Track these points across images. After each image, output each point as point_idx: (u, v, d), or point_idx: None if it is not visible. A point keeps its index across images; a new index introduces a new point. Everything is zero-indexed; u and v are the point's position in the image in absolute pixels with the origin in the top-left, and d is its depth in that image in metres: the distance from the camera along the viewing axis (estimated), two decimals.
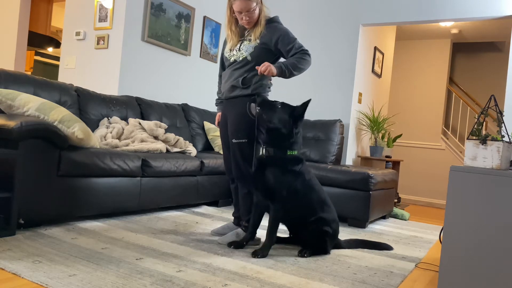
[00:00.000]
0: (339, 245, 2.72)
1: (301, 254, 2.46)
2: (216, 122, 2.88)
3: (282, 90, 5.19)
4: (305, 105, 2.46)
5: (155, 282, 1.78)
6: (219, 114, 2.83)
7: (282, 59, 2.65)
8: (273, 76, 2.48)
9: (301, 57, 2.49)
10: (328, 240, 2.53)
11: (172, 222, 3.03)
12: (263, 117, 2.42)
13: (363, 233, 3.34)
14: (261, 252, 2.35)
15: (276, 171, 2.39)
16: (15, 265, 1.82)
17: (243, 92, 2.57)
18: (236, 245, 2.49)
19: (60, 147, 2.50)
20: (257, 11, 2.53)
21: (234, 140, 2.58)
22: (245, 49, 2.57)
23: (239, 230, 2.64)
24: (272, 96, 5.27)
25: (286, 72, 2.47)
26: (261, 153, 2.49)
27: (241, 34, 2.66)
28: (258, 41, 2.55)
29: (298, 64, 2.48)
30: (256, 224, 2.53)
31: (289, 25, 5.13)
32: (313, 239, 2.51)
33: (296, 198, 2.45)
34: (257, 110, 2.44)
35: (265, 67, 2.41)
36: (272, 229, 2.41)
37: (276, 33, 2.54)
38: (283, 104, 2.46)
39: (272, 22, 2.60)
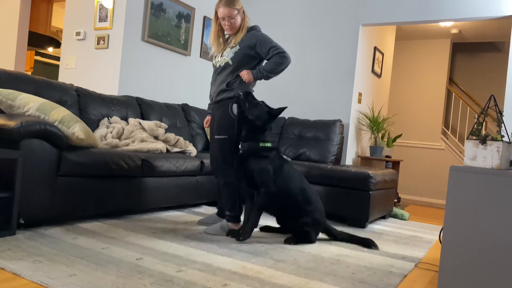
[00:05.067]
0: (331, 233, 2.90)
1: (287, 242, 2.70)
2: (205, 124, 3.18)
3: (282, 90, 5.19)
4: (280, 110, 2.73)
5: (155, 282, 1.78)
6: (208, 117, 3.13)
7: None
8: (251, 81, 2.78)
9: (277, 60, 2.74)
10: (310, 230, 2.75)
11: (172, 222, 3.03)
12: (245, 105, 2.68)
13: (363, 233, 3.34)
14: (243, 235, 2.60)
15: (252, 160, 2.64)
16: (15, 265, 1.82)
17: (227, 94, 2.82)
18: (234, 233, 2.73)
19: (60, 147, 2.50)
20: (238, 19, 2.82)
21: (216, 136, 2.83)
22: (227, 55, 2.84)
23: (224, 222, 2.84)
24: (272, 95, 5.28)
25: (261, 77, 2.78)
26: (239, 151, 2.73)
27: (225, 42, 2.94)
28: (238, 46, 2.81)
29: (274, 67, 2.75)
30: (249, 213, 2.74)
31: (288, 25, 5.17)
32: (297, 231, 2.75)
33: (276, 182, 2.67)
34: (241, 97, 2.69)
35: (245, 75, 2.76)
36: (256, 214, 2.64)
37: (254, 38, 2.80)
38: (262, 102, 2.73)
39: (252, 30, 2.86)
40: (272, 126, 2.77)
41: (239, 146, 2.71)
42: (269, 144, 2.69)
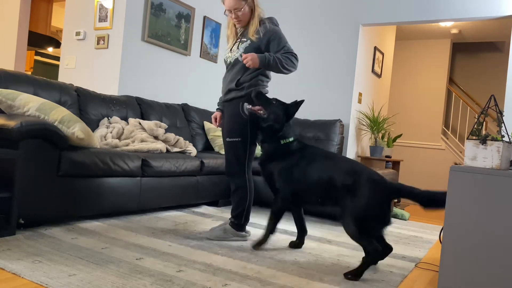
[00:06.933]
0: None
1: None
2: (213, 120, 2.85)
3: (282, 89, 5.19)
4: (298, 104, 2.54)
5: (155, 282, 1.78)
6: (217, 113, 2.84)
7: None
8: (255, 66, 2.46)
9: (289, 57, 2.50)
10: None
11: (172, 222, 3.03)
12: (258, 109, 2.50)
13: None
14: (259, 244, 2.49)
15: (274, 162, 2.48)
16: (15, 265, 1.82)
17: (238, 94, 2.61)
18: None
19: (60, 147, 2.50)
20: (247, 10, 2.57)
21: (227, 139, 2.65)
22: (237, 50, 2.62)
23: (227, 226, 2.68)
24: (270, 94, 5.26)
25: (270, 64, 2.46)
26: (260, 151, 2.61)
27: (237, 36, 2.70)
28: (248, 41, 2.58)
29: (283, 62, 2.48)
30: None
31: (288, 25, 5.16)
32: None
33: (295, 183, 2.42)
34: (253, 99, 2.51)
35: (249, 59, 2.41)
36: (272, 221, 2.51)
37: (268, 33, 2.55)
38: (277, 100, 2.55)
39: (267, 22, 2.61)
40: (290, 123, 2.54)
41: (261, 148, 2.55)
42: (290, 139, 2.49)
